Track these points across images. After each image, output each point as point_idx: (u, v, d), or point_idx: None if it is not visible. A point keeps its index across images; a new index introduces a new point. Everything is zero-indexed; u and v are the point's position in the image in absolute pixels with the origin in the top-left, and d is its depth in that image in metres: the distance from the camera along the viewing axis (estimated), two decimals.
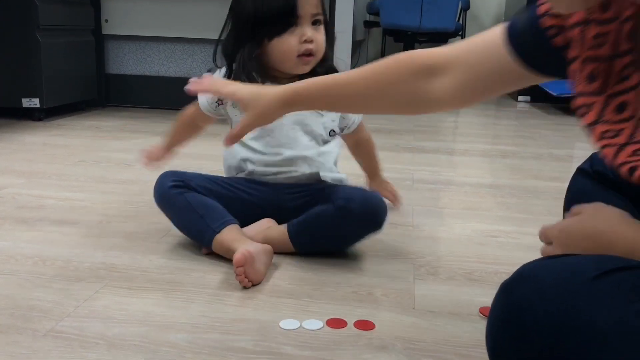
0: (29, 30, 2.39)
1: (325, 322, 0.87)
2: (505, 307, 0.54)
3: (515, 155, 2.12)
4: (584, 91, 0.62)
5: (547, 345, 0.49)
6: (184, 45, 2.84)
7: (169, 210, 1.13)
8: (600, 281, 0.50)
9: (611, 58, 0.58)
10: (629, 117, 0.57)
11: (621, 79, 0.58)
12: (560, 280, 0.51)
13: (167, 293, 0.95)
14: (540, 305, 0.50)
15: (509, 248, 1.20)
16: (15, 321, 0.85)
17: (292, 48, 1.10)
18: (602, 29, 0.59)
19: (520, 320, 0.51)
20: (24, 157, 1.86)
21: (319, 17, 1.11)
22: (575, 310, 0.49)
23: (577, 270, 0.52)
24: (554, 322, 0.49)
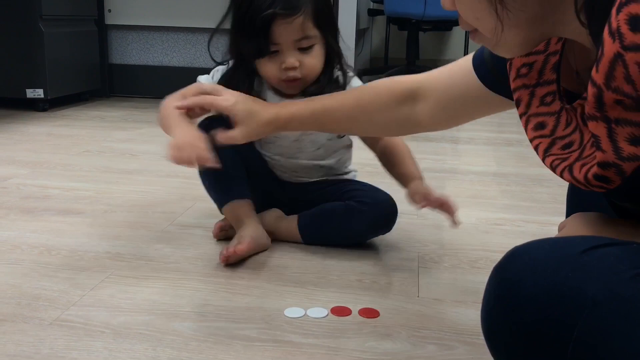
0: (32, 21, 2.38)
1: (330, 310, 0.87)
2: (498, 284, 0.55)
3: (521, 143, 2.11)
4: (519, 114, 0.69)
5: (539, 317, 0.51)
6: (187, 35, 2.83)
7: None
8: (588, 254, 0.52)
9: (535, 85, 0.65)
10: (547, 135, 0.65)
11: (542, 103, 0.65)
12: (550, 255, 0.53)
13: (172, 282, 0.96)
14: (531, 279, 0.52)
15: (513, 236, 1.20)
16: (22, 310, 0.85)
17: (273, 74, 1.04)
18: (528, 60, 0.65)
19: (512, 294, 0.53)
20: (28, 147, 1.87)
21: (305, 41, 1.02)
22: (564, 281, 0.50)
23: (566, 246, 0.54)
24: (544, 294, 0.51)
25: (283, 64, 1.02)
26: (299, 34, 1.01)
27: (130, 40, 2.88)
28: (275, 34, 1.00)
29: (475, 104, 0.82)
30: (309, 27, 1.02)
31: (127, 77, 2.90)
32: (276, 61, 1.03)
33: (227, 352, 0.76)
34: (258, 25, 0.99)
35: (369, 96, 0.90)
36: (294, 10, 0.99)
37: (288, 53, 1.02)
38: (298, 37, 1.02)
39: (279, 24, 0.99)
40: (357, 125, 0.93)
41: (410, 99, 0.87)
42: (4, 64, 2.43)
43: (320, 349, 0.77)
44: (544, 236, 1.15)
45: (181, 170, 1.62)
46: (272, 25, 0.99)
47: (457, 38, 4.50)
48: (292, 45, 1.02)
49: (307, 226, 1.10)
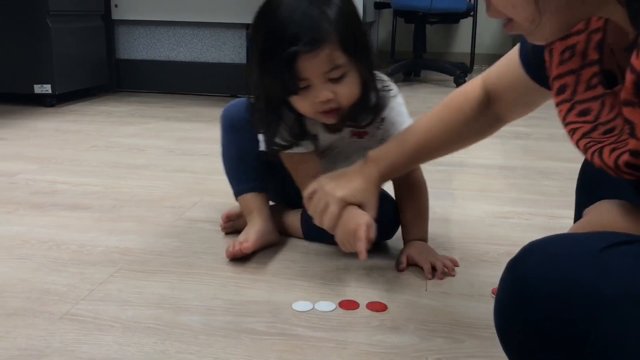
0: (39, 16, 2.39)
1: (338, 304, 0.87)
2: (512, 281, 0.54)
3: (529, 136, 2.10)
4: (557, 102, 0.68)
5: (555, 316, 0.50)
6: (194, 30, 2.83)
7: (232, 136, 1.12)
8: (606, 252, 0.51)
9: (581, 68, 0.64)
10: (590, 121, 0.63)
11: (589, 87, 0.63)
12: (566, 252, 0.52)
13: (181, 276, 0.96)
14: (548, 276, 0.51)
15: (521, 229, 1.20)
16: (32, 304, 0.86)
17: (308, 110, 0.96)
18: (569, 42, 0.64)
19: (528, 292, 0.52)
20: (36, 143, 1.88)
21: (335, 72, 0.91)
22: (582, 280, 0.49)
23: (583, 243, 0.53)
24: (560, 292, 0.50)
25: (316, 98, 0.92)
26: (327, 65, 0.90)
27: (137, 35, 2.88)
28: (301, 70, 0.89)
29: (537, 93, 0.81)
30: (337, 57, 0.90)
31: (134, 72, 2.91)
32: (308, 96, 0.92)
33: (236, 345, 0.76)
34: (282, 63, 0.88)
35: (453, 115, 0.93)
36: (318, 44, 0.88)
37: (319, 87, 0.91)
38: (327, 69, 0.90)
39: (304, 59, 0.88)
40: (453, 147, 0.97)
41: (487, 102, 0.90)
42: (11, 60, 2.44)
43: (328, 342, 0.78)
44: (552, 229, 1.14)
45: (188, 165, 1.62)
46: (297, 62, 0.88)
47: (464, 31, 4.47)
48: (323, 78, 0.91)
49: (309, 223, 1.08)
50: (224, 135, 1.14)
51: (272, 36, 0.89)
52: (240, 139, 1.10)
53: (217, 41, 2.83)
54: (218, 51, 2.84)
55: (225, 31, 2.81)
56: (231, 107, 1.15)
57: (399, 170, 0.97)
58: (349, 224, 0.90)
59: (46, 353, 0.74)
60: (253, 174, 1.10)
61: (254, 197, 1.09)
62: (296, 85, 0.91)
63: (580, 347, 0.48)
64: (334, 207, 0.91)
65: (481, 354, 0.76)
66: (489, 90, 0.90)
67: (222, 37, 2.82)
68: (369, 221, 0.90)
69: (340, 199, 0.91)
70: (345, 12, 0.91)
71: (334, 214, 0.91)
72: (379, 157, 0.95)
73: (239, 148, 1.11)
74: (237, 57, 2.82)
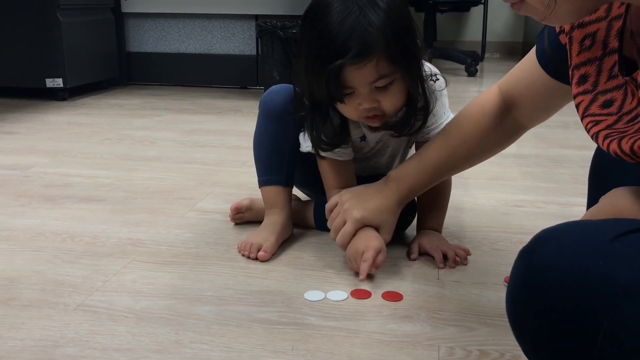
0: (50, 10, 2.40)
1: (350, 294, 0.87)
2: (525, 270, 0.54)
3: (541, 124, 2.08)
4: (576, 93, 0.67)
5: (568, 306, 0.49)
6: (204, 22, 2.83)
7: (270, 125, 1.08)
8: (619, 241, 0.50)
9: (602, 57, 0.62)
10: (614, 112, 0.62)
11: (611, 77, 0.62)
12: (579, 241, 0.52)
13: (193, 267, 0.97)
14: (560, 266, 0.50)
15: (533, 217, 1.19)
16: (47, 296, 0.87)
17: (352, 115, 0.96)
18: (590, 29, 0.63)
19: (541, 281, 0.51)
20: (49, 136, 1.89)
21: (381, 81, 0.90)
22: (595, 269, 0.49)
23: (596, 232, 0.52)
24: (574, 281, 0.49)
25: (360, 105, 0.93)
26: (373, 76, 0.90)
27: (147, 28, 2.89)
28: (347, 79, 0.89)
29: (557, 93, 0.81)
30: (383, 67, 0.89)
31: (145, 65, 2.92)
32: (353, 102, 0.93)
33: (248, 335, 0.77)
34: (329, 73, 0.88)
35: (471, 128, 0.92)
36: (365, 57, 0.87)
37: (364, 96, 0.91)
38: (373, 80, 0.90)
39: (351, 70, 0.88)
40: (474, 160, 0.96)
41: (505, 111, 0.90)
42: (23, 54, 2.46)
43: (340, 331, 0.78)
44: (565, 217, 1.14)
45: (199, 157, 1.63)
46: (344, 72, 0.88)
47: (475, 19, 4.44)
48: (368, 87, 0.91)
49: (322, 214, 1.07)
50: (260, 122, 1.10)
51: (320, 43, 0.88)
52: (277, 130, 1.07)
53: (227, 33, 2.83)
54: (228, 43, 2.84)
55: (235, 23, 2.81)
56: (272, 94, 1.09)
57: (421, 188, 0.97)
58: (359, 245, 0.93)
59: (61, 343, 0.75)
60: (283, 167, 1.08)
61: (279, 191, 1.07)
62: (342, 93, 0.91)
63: (593, 336, 0.48)
64: (350, 227, 0.94)
65: (493, 342, 0.75)
66: (507, 98, 0.89)
67: (231, 29, 2.82)
68: (379, 246, 0.92)
69: (357, 219, 0.94)
70: (395, 19, 0.89)
71: (349, 233, 0.94)
72: (399, 177, 0.96)
73: (274, 139, 1.08)
74: (246, 49, 2.82)
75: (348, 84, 0.90)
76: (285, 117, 1.04)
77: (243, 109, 2.33)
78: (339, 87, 0.90)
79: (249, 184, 1.39)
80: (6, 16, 2.43)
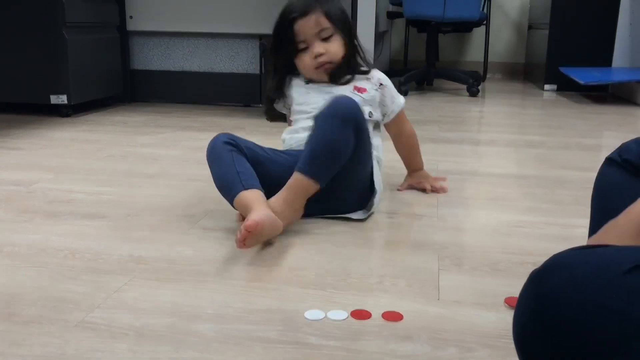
0: (56, 28, 2.43)
1: (350, 313, 0.87)
2: (535, 297, 0.53)
3: (542, 145, 2.10)
4: None
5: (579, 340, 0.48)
6: (208, 40, 2.86)
7: (215, 161, 1.22)
8: (633, 275, 0.49)
9: None
10: None
11: None
12: (591, 272, 0.51)
13: (194, 284, 0.97)
14: (571, 298, 0.50)
15: (534, 238, 1.19)
16: (48, 312, 0.87)
17: (308, 64, 1.33)
18: None
19: (551, 311, 0.51)
20: (53, 152, 1.90)
21: (323, 32, 1.31)
22: (607, 304, 0.48)
23: (609, 262, 0.51)
24: (585, 316, 0.48)
25: (312, 53, 1.31)
26: (316, 27, 1.30)
27: (152, 46, 2.92)
28: (298, 32, 1.30)
29: None
30: (323, 21, 1.30)
31: (149, 83, 2.94)
32: (307, 54, 1.32)
33: (248, 354, 0.77)
34: (286, 30, 1.30)
35: None
36: (307, 10, 1.30)
37: (314, 44, 1.31)
38: (317, 30, 1.30)
39: (299, 24, 1.29)
40: None
41: None
42: (29, 70, 2.49)
43: (340, 351, 0.78)
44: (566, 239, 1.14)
45: (202, 174, 1.63)
46: (294, 27, 1.29)
47: (477, 40, 4.47)
48: (315, 37, 1.31)
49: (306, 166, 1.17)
50: (210, 161, 1.24)
51: (280, 19, 1.32)
52: (221, 161, 1.20)
53: (231, 52, 2.86)
54: (231, 61, 2.86)
55: (239, 42, 2.84)
56: (210, 143, 1.25)
57: None
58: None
59: None
60: (240, 177, 1.17)
61: (247, 194, 1.14)
62: (297, 44, 1.31)
63: None
64: None
65: None
66: None
67: (235, 48, 2.85)
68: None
69: None
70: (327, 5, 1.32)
71: None
72: None
73: (222, 167, 1.20)
74: (250, 67, 2.85)
75: (300, 38, 1.30)
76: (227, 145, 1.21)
77: (246, 127, 2.35)
78: (293, 41, 1.30)
79: None
80: (13, 33, 2.46)
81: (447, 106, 2.97)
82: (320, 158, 1.16)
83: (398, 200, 1.44)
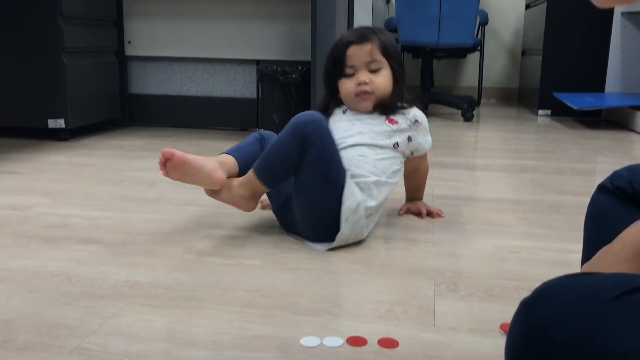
0: (55, 53, 2.45)
1: (346, 340, 0.87)
2: (525, 324, 0.54)
3: (537, 169, 2.11)
4: None
5: None
6: (205, 65, 2.89)
7: None
8: (621, 301, 0.49)
9: None
10: None
11: None
12: (580, 299, 0.51)
13: (190, 310, 0.97)
14: (560, 324, 0.50)
15: (530, 264, 1.20)
16: (42, 338, 0.87)
17: (350, 89, 1.36)
18: None
19: (541, 337, 0.51)
20: (49, 176, 1.91)
21: (374, 64, 1.35)
22: (597, 330, 0.48)
23: (599, 289, 0.52)
24: (575, 341, 0.49)
25: (357, 80, 1.35)
26: (368, 57, 1.34)
27: (150, 71, 2.94)
28: (349, 57, 1.34)
29: None
30: (376, 54, 1.34)
31: (147, 107, 2.96)
32: (352, 79, 1.36)
33: None
34: (339, 53, 1.35)
35: None
36: (365, 39, 1.34)
37: (361, 72, 1.35)
38: (368, 60, 1.34)
39: (353, 49, 1.34)
40: None
41: None
42: (27, 95, 2.50)
43: None
44: (561, 264, 1.14)
45: (199, 199, 1.64)
46: (347, 51, 1.34)
47: (471, 65, 4.52)
48: (364, 66, 1.35)
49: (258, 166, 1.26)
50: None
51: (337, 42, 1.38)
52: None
53: (229, 76, 2.88)
54: (229, 86, 2.89)
55: (236, 67, 2.87)
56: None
57: None
58: None
59: None
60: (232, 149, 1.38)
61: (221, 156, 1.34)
62: (344, 68, 1.35)
63: None
64: None
65: None
66: None
67: (232, 73, 2.87)
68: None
69: None
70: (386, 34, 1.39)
71: None
72: None
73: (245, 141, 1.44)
74: (247, 92, 2.87)
75: (349, 63, 1.35)
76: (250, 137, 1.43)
77: None
78: (342, 65, 1.35)
79: (247, 225, 1.39)
80: (12, 58, 2.48)
81: (442, 131, 3.00)
82: (266, 158, 1.25)
83: (394, 225, 1.45)
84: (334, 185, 1.22)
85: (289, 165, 1.22)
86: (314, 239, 1.26)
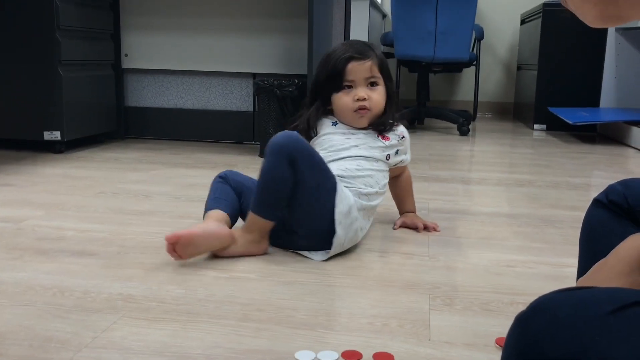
0: (52, 65, 2.45)
1: (341, 354, 0.87)
2: (520, 339, 0.53)
3: (532, 184, 2.11)
4: None
5: None
6: (202, 78, 2.89)
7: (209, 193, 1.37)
8: (616, 316, 0.49)
9: None
10: None
11: None
12: (575, 314, 0.51)
13: (184, 324, 0.96)
14: (555, 340, 0.50)
15: (525, 278, 1.19)
16: (34, 352, 0.86)
17: (347, 104, 1.36)
18: None
19: (536, 353, 0.51)
20: (44, 189, 1.90)
21: (373, 79, 1.36)
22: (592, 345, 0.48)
23: (593, 303, 0.52)
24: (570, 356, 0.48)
25: (355, 95, 1.35)
26: (369, 72, 1.36)
27: (146, 84, 2.95)
28: (349, 72, 1.34)
29: None
30: (375, 70, 1.36)
31: (143, 120, 2.96)
32: (349, 94, 1.36)
33: None
34: (338, 66, 1.34)
35: None
36: (365, 55, 1.36)
37: (360, 88, 1.36)
38: (368, 76, 1.35)
39: (353, 64, 1.34)
40: None
41: None
42: (23, 107, 2.50)
43: None
44: (556, 278, 1.14)
45: (193, 212, 1.63)
46: (348, 65, 1.34)
47: (467, 79, 4.55)
48: (363, 82, 1.36)
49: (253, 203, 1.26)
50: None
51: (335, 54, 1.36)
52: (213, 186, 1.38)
53: (225, 90, 2.89)
54: (225, 99, 2.89)
55: (233, 80, 2.87)
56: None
57: None
58: None
59: None
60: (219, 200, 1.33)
61: (210, 212, 1.30)
62: (342, 82, 1.35)
63: None
64: None
65: None
66: None
67: (229, 86, 2.88)
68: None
69: None
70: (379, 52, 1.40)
71: None
72: None
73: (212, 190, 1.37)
74: (243, 105, 2.87)
75: (349, 77, 1.35)
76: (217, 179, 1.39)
77: (238, 164, 2.36)
78: (341, 79, 1.34)
79: None
80: (9, 69, 2.48)
81: (438, 145, 3.00)
82: (261, 195, 1.23)
83: (389, 239, 1.44)
84: (326, 192, 1.25)
85: (285, 189, 1.22)
86: (311, 247, 1.27)
